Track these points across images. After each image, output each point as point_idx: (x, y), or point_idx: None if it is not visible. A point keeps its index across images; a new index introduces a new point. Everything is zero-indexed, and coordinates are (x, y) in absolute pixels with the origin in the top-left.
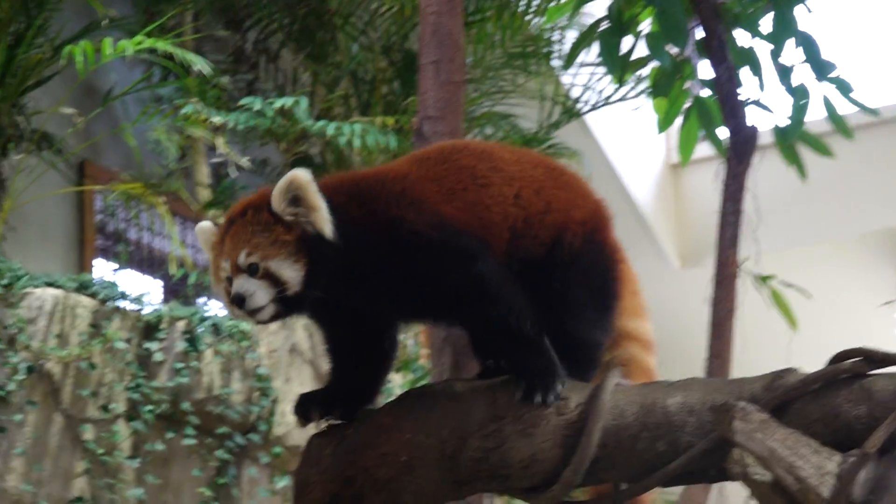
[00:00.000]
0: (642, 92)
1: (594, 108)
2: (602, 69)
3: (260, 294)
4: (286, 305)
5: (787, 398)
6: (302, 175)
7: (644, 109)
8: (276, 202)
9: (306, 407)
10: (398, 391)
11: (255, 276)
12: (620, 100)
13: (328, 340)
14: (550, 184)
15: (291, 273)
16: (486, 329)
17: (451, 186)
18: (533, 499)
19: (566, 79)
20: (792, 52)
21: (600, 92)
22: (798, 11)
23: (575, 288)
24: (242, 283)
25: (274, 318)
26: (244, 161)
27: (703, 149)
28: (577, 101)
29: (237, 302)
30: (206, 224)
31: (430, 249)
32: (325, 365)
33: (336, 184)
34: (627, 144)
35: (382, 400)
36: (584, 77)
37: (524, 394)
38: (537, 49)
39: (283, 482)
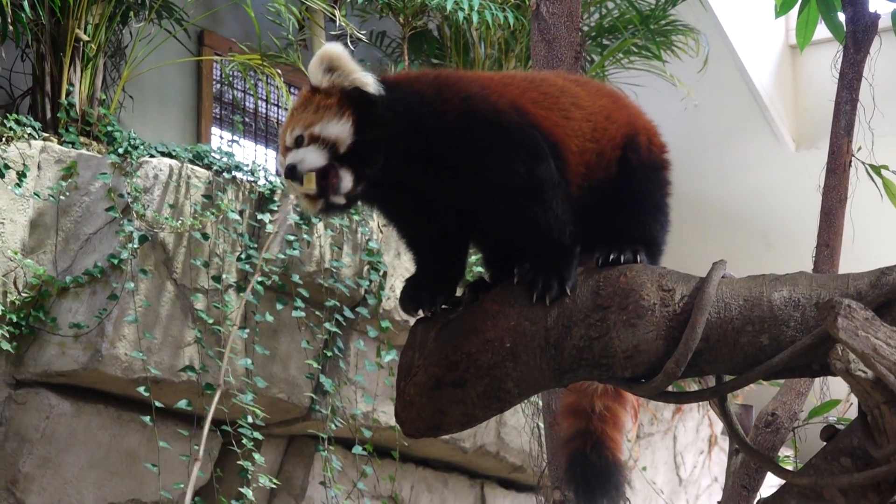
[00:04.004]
0: None
1: None
2: None
3: (310, 157)
4: (355, 169)
5: (893, 296)
6: (333, 46)
7: None
8: (312, 77)
9: (414, 294)
10: None
11: (301, 146)
12: None
13: (401, 233)
14: (614, 107)
15: (338, 128)
16: (527, 229)
17: (533, 98)
18: (635, 389)
19: None
20: None
21: None
22: None
23: (654, 188)
24: (291, 157)
25: (351, 187)
26: (362, 34)
27: (825, 30)
28: None
29: (290, 175)
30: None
31: (504, 130)
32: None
33: (406, 73)
34: (747, 23)
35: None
36: None
37: (538, 295)
38: None
39: (390, 356)
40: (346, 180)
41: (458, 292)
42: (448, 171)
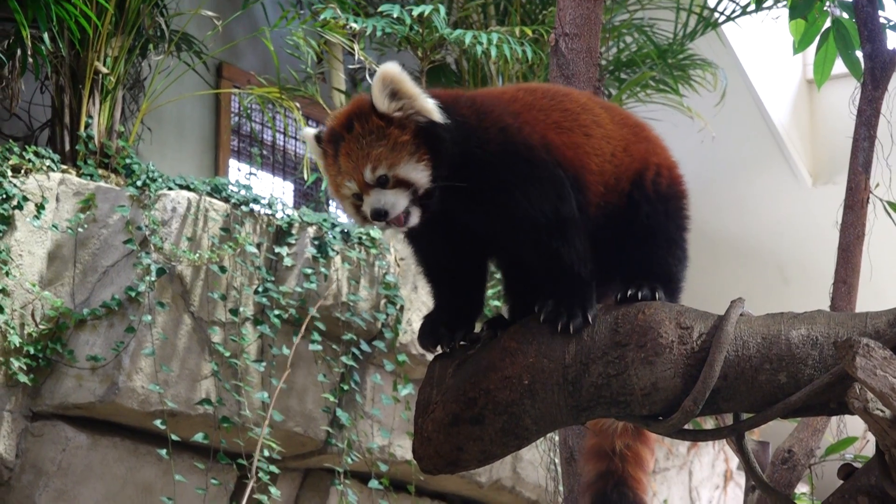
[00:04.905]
0: (779, 1)
1: (730, 18)
2: None
3: (399, 202)
4: (421, 206)
5: None
6: (392, 67)
7: (782, 21)
8: (378, 102)
9: (433, 330)
10: None
11: (387, 187)
12: (757, 10)
13: (423, 265)
14: (634, 140)
15: (418, 173)
16: (550, 261)
17: (556, 120)
18: (652, 427)
19: None
20: None
21: (738, 1)
22: None
23: (665, 222)
24: (379, 198)
25: (418, 221)
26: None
27: (842, 66)
28: (713, 10)
29: (380, 217)
30: (311, 131)
31: (535, 167)
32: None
33: (445, 91)
34: (764, 58)
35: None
36: None
37: (563, 325)
38: None
39: (407, 390)
40: (414, 217)
41: (477, 329)
42: (481, 202)
